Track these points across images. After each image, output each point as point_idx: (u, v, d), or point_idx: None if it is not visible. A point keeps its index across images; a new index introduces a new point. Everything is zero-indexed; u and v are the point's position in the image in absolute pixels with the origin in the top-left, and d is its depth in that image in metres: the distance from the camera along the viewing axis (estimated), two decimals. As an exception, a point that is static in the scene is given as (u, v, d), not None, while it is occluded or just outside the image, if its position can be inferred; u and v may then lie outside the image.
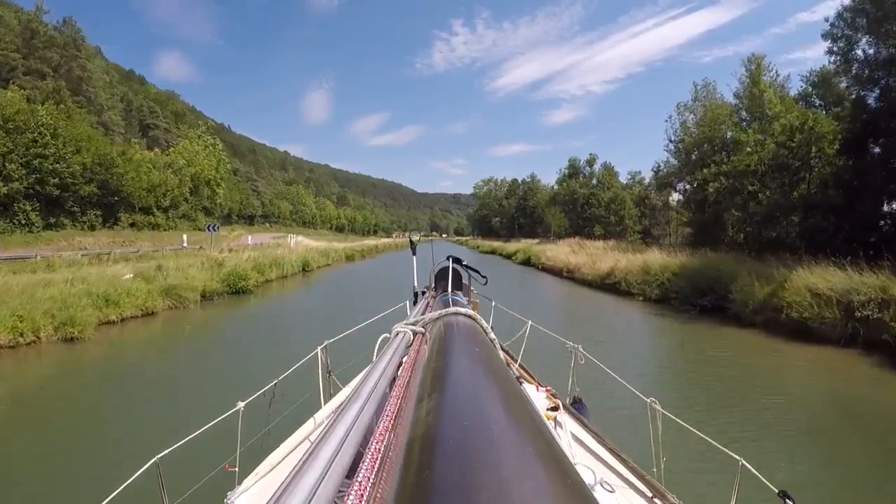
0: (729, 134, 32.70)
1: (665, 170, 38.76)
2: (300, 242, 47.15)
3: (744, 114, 31.94)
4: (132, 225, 37.66)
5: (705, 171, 30.25)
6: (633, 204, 55.20)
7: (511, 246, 58.43)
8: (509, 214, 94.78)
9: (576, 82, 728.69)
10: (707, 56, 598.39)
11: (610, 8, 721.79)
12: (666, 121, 38.38)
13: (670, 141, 38.67)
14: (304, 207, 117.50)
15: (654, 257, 21.71)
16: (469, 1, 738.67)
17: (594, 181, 64.76)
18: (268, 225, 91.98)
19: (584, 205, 62.34)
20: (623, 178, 63.78)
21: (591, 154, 66.36)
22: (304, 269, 31.10)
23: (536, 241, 61.84)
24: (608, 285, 22.55)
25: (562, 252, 32.14)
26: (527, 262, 40.56)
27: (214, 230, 25.78)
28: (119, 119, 63.01)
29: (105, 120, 59.30)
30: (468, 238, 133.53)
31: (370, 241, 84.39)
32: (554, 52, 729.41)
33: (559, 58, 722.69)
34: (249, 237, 36.24)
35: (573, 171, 67.23)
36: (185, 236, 26.06)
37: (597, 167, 66.57)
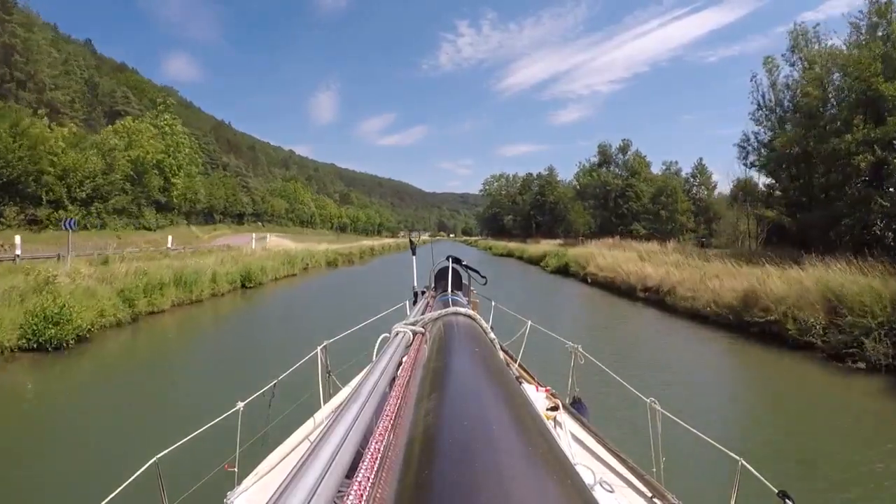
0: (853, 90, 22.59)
1: (753, 144, 28.20)
2: (268, 244, 37.72)
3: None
4: (33, 222, 28.10)
5: (848, 137, 19.93)
6: (685, 196, 44.61)
7: (533, 248, 47.91)
8: (524, 212, 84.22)
9: (581, 82, 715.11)
10: (712, 56, 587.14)
11: (614, 9, 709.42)
12: (752, 79, 28.13)
13: (759, 107, 28.43)
14: (301, 206, 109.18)
15: (842, 278, 11.46)
16: (474, 2, 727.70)
17: (625, 172, 54.53)
18: (260, 224, 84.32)
19: (617, 198, 52.04)
20: (655, 170, 53.57)
21: (623, 139, 55.57)
22: (243, 284, 21.35)
23: (559, 241, 51.78)
24: (751, 325, 12.30)
25: (623, 258, 21.86)
26: (563, 271, 30.17)
27: (72, 227, 15.97)
28: (68, 99, 53.64)
29: (49, 99, 50.09)
30: (477, 238, 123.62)
31: (367, 242, 74.21)
32: (559, 53, 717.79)
33: (565, 58, 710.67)
34: (171, 238, 26.49)
35: (604, 158, 56.43)
36: (18, 237, 16.33)
37: (629, 155, 56.15)
